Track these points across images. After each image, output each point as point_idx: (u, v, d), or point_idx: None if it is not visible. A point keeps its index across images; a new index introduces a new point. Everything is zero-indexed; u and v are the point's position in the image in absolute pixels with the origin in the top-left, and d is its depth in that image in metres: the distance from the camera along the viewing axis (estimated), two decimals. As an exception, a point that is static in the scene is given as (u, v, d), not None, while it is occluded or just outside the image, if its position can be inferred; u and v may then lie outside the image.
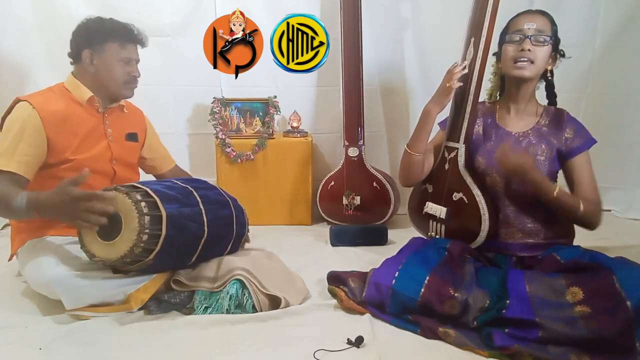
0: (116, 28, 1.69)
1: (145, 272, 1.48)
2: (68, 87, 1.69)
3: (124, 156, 1.79)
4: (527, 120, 1.67)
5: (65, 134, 1.61)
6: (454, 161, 1.71)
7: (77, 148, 1.63)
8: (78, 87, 1.68)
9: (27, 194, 1.43)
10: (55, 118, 1.59)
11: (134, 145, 1.85)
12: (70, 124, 1.63)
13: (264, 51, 2.21)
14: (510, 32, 1.61)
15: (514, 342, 1.27)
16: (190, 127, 2.59)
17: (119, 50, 1.68)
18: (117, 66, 1.69)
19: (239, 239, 1.69)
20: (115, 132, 1.76)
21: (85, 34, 1.67)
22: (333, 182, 2.43)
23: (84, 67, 1.68)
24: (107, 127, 1.73)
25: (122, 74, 1.70)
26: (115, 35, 1.68)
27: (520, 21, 1.60)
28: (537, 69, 1.59)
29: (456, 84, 1.64)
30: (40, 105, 1.58)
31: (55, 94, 1.67)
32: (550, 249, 1.58)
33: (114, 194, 1.41)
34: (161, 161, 2.01)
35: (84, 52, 1.66)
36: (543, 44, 1.57)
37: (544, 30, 1.57)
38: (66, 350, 1.31)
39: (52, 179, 1.58)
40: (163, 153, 2.03)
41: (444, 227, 1.74)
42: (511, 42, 1.60)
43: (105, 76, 1.69)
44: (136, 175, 1.89)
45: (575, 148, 1.61)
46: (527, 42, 1.56)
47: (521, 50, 1.56)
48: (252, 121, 2.46)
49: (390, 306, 1.45)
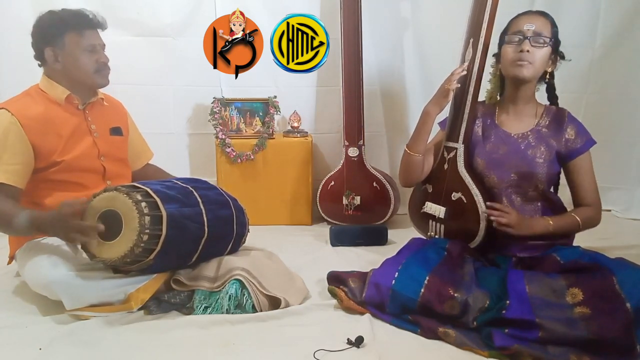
0: (69, 17, 1.60)
1: (145, 272, 1.48)
2: (43, 89, 1.64)
3: (112, 151, 1.75)
4: (526, 121, 1.67)
5: (49, 137, 1.58)
6: (453, 161, 1.71)
7: (64, 149, 1.60)
8: (53, 86, 1.64)
9: (30, 212, 1.44)
10: (36, 123, 1.56)
11: (120, 140, 1.81)
12: (52, 126, 1.59)
13: (264, 51, 2.21)
14: (510, 33, 1.61)
15: (513, 342, 1.27)
16: (190, 127, 2.59)
17: (78, 40, 1.60)
18: (82, 56, 1.61)
19: (239, 238, 1.69)
20: (99, 128, 1.72)
21: (40, 32, 1.61)
22: (333, 182, 2.43)
23: (51, 67, 1.63)
24: (90, 123, 1.70)
25: (90, 62, 1.63)
26: (70, 25, 1.60)
27: (520, 22, 1.60)
28: (536, 70, 1.59)
29: (454, 86, 1.65)
30: (20, 111, 1.55)
31: (33, 97, 1.63)
32: (550, 249, 1.58)
33: (114, 194, 1.41)
34: (135, 158, 1.93)
35: (46, 50, 1.60)
36: (542, 46, 1.57)
37: (544, 32, 1.57)
38: (66, 350, 1.31)
39: (44, 183, 1.59)
40: (138, 150, 1.96)
41: (443, 227, 1.74)
42: (510, 43, 1.60)
43: (74, 69, 1.62)
44: (128, 170, 1.86)
45: (576, 149, 1.62)
46: (526, 43, 1.56)
47: (520, 52, 1.56)
48: (252, 121, 2.46)
49: (390, 306, 1.45)
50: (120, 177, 1.77)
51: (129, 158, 1.90)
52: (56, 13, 1.63)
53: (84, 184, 1.65)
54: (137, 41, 2.43)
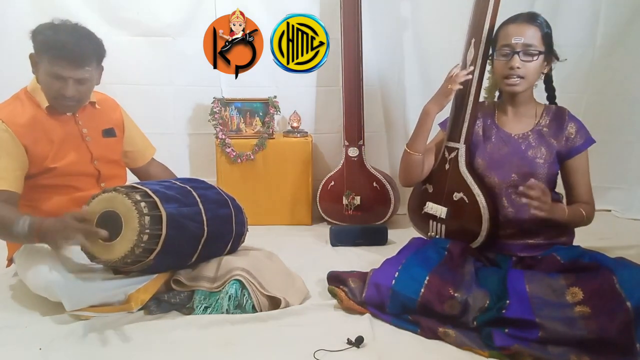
0: (49, 42, 1.52)
1: (145, 273, 1.48)
2: (31, 92, 1.62)
3: (105, 154, 1.73)
4: (525, 122, 1.67)
5: (41, 144, 1.57)
6: (454, 161, 1.71)
7: (56, 155, 1.59)
8: (38, 92, 1.61)
9: (30, 218, 1.42)
10: (26, 129, 1.54)
11: (113, 141, 1.78)
12: (43, 132, 1.58)
13: (264, 51, 2.21)
14: (499, 47, 1.59)
15: (514, 342, 1.27)
16: (190, 127, 2.59)
17: (47, 65, 1.53)
18: (47, 80, 1.56)
19: (239, 237, 1.69)
20: (91, 131, 1.70)
21: (32, 39, 1.57)
22: (333, 182, 2.43)
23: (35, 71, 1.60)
24: (81, 127, 1.67)
25: (52, 89, 1.56)
26: (46, 50, 1.53)
27: (508, 35, 1.56)
28: (529, 82, 1.59)
29: (457, 87, 1.64)
30: (10, 118, 1.53)
31: (23, 101, 1.60)
32: (550, 249, 1.58)
33: (113, 195, 1.41)
34: (137, 155, 1.92)
35: (30, 54, 1.58)
36: (533, 59, 1.55)
37: (534, 43, 1.54)
38: (66, 350, 1.31)
39: (38, 187, 1.58)
40: (140, 147, 1.93)
41: (444, 227, 1.74)
42: (500, 58, 1.59)
43: (42, 86, 1.59)
44: (122, 170, 1.85)
45: (575, 147, 1.61)
46: (516, 60, 1.54)
47: (510, 68, 1.55)
48: (252, 121, 2.46)
49: (390, 306, 1.45)
50: (114, 179, 1.75)
51: (132, 156, 1.89)
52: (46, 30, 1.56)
53: (78, 187, 1.64)
54: (137, 41, 2.43)
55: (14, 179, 1.53)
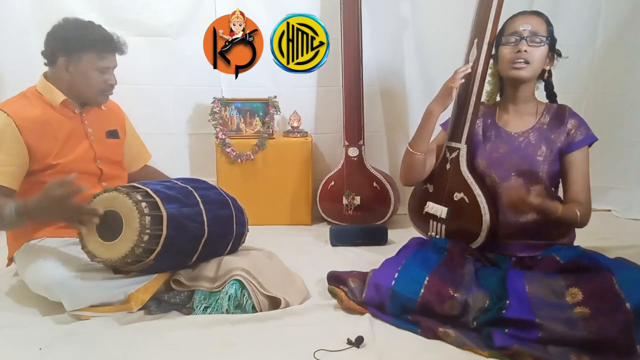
0: (96, 38, 1.61)
1: (145, 272, 1.49)
2: (41, 91, 1.64)
3: (108, 154, 1.75)
4: (526, 120, 1.67)
5: (45, 140, 1.58)
6: (455, 161, 1.71)
7: (59, 152, 1.60)
8: (50, 90, 1.63)
9: (15, 202, 1.42)
10: (32, 125, 1.56)
11: (116, 142, 1.81)
12: (48, 129, 1.59)
13: (264, 51, 2.20)
14: (506, 34, 1.61)
15: (513, 342, 1.27)
16: (190, 127, 2.58)
17: (96, 60, 1.61)
18: (93, 75, 1.63)
19: (239, 238, 1.69)
20: (96, 131, 1.72)
21: (62, 41, 1.60)
22: (333, 182, 2.43)
23: (58, 73, 1.62)
24: (86, 126, 1.70)
25: (99, 82, 1.64)
26: (95, 46, 1.61)
27: (516, 23, 1.60)
28: (534, 70, 1.60)
29: (458, 84, 1.64)
30: (16, 113, 1.54)
31: (30, 99, 1.62)
32: (550, 249, 1.58)
33: (114, 195, 1.41)
34: (131, 160, 1.94)
35: (60, 59, 1.60)
36: (539, 45, 1.57)
37: (540, 31, 1.57)
38: (66, 350, 1.31)
39: (38, 185, 1.56)
40: (136, 153, 1.97)
41: (444, 227, 1.74)
42: (507, 44, 1.60)
43: (81, 84, 1.63)
44: (123, 171, 1.86)
45: (574, 142, 1.61)
46: (523, 43, 1.57)
47: (517, 52, 1.57)
48: (252, 121, 2.46)
49: (390, 307, 1.45)
50: (116, 179, 1.77)
51: (126, 161, 1.90)
52: (83, 28, 1.61)
53: None
54: (137, 41, 2.42)
55: (11, 174, 1.53)
